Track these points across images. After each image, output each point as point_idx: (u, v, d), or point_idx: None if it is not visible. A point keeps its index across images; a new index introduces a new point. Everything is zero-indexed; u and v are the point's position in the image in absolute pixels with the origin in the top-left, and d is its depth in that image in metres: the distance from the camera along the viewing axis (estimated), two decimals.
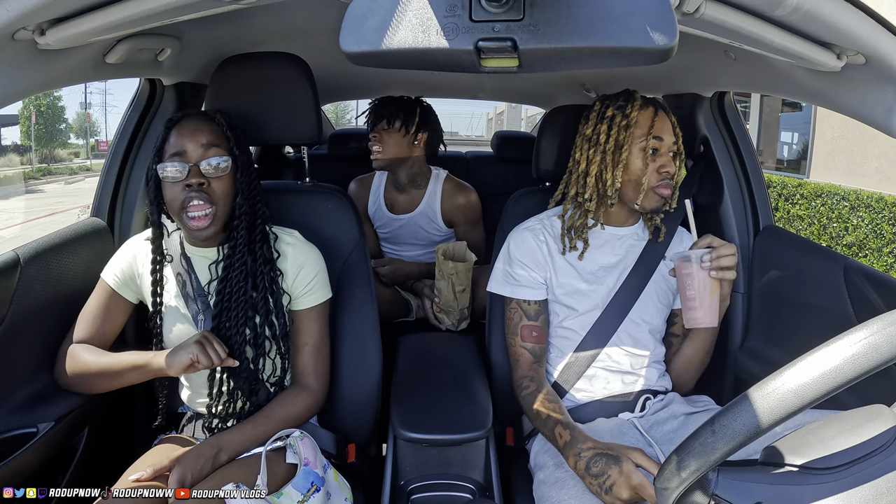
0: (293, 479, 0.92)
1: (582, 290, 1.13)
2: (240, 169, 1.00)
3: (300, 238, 1.09)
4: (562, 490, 0.93)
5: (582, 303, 1.13)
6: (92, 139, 21.88)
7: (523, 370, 1.11)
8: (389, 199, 1.89)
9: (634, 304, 1.13)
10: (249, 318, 1.00)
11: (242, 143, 1.02)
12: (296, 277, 1.06)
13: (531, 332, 1.13)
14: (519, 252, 1.15)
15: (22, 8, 0.65)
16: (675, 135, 1.11)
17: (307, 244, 1.09)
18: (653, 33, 0.47)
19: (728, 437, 0.53)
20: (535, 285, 1.14)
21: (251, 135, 1.17)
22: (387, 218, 1.90)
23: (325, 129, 2.78)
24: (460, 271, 1.66)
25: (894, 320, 0.49)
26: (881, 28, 0.71)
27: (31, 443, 0.97)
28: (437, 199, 1.84)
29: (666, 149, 1.10)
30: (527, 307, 1.14)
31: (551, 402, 1.04)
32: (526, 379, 1.10)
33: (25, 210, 11.61)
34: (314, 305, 1.07)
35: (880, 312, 0.51)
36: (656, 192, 1.09)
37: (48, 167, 18.69)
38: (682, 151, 1.12)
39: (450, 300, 1.69)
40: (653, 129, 1.09)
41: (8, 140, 19.14)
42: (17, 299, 1.00)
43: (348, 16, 0.51)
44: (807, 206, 6.04)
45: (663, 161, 1.09)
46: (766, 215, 1.38)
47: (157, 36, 1.07)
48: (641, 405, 1.10)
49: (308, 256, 1.07)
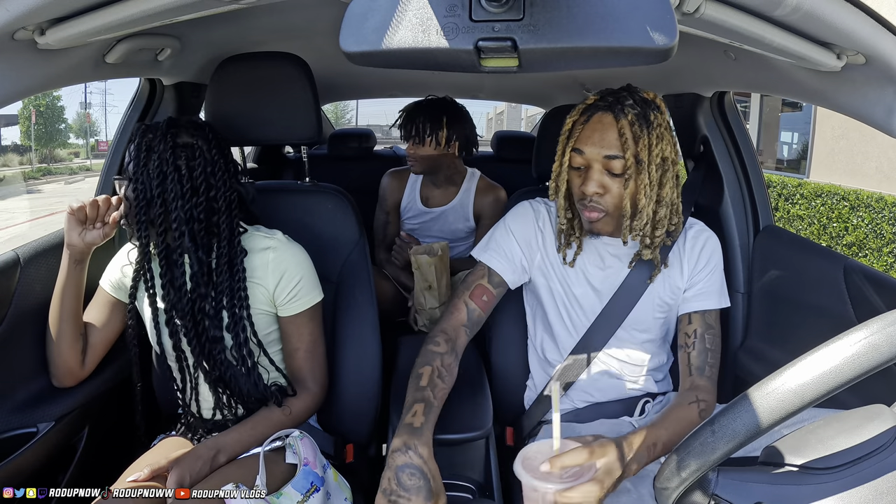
0: (293, 479, 0.91)
1: (574, 294, 1.09)
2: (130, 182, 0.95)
3: (282, 240, 1.04)
4: None
5: (574, 307, 1.10)
6: (92, 139, 21.87)
7: (448, 325, 1.03)
8: (425, 193, 1.97)
9: (627, 317, 1.07)
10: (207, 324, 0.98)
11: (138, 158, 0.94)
12: (277, 285, 1.02)
13: (482, 295, 1.06)
14: (514, 221, 1.10)
15: (22, 8, 0.65)
16: (624, 147, 0.92)
17: (289, 246, 1.04)
18: (653, 33, 0.47)
19: (728, 437, 0.53)
20: (511, 260, 1.08)
21: (251, 135, 1.17)
22: (419, 210, 1.97)
23: (325, 129, 2.78)
24: (422, 264, 1.65)
25: (894, 320, 0.49)
26: (881, 28, 0.71)
27: (31, 443, 0.97)
28: (471, 195, 1.93)
29: (597, 164, 0.94)
30: (492, 275, 1.08)
31: (441, 378, 0.94)
32: (443, 334, 1.02)
33: (25, 210, 11.60)
34: (302, 311, 1.04)
35: (880, 312, 0.51)
36: (584, 214, 0.99)
37: (48, 167, 18.68)
38: (649, 170, 0.92)
39: (420, 299, 1.70)
40: (576, 139, 0.96)
41: (8, 140, 19.13)
42: (17, 299, 1.00)
43: (348, 16, 0.51)
44: (807, 206, 6.04)
45: (586, 178, 0.95)
46: (766, 215, 1.38)
47: (156, 36, 1.07)
48: (641, 409, 1.10)
49: (290, 261, 1.03)
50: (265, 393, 1.01)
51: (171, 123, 0.97)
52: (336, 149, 2.73)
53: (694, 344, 1.04)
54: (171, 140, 0.94)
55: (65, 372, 1.03)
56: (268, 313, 1.04)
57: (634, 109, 0.92)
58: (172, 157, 0.94)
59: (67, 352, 1.02)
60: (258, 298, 1.02)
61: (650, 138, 0.92)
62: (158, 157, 0.93)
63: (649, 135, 0.92)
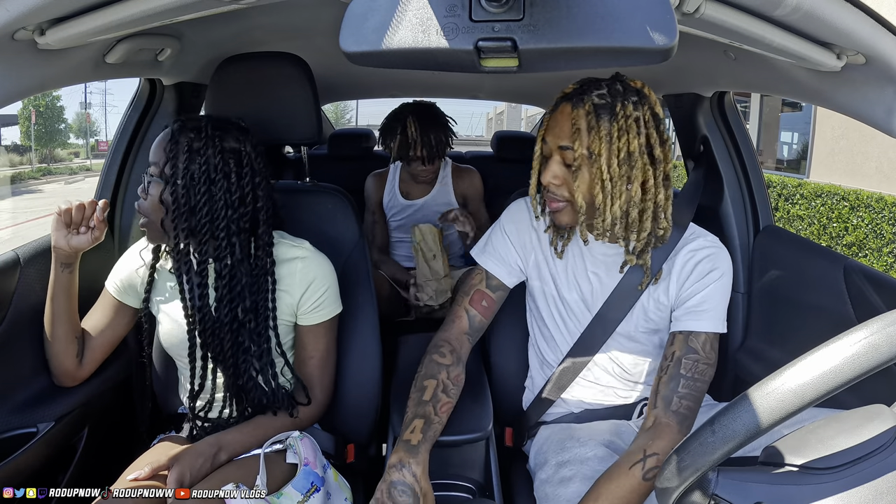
0: (293, 479, 0.91)
1: (565, 298, 1.06)
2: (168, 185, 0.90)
3: (310, 250, 1.02)
4: (567, 488, 0.92)
5: (566, 311, 1.08)
6: (92, 139, 21.87)
7: (450, 334, 1.03)
8: (404, 188, 2.03)
9: (621, 322, 1.02)
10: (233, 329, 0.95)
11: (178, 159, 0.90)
12: (303, 294, 1.00)
13: (482, 300, 1.05)
14: (509, 223, 1.09)
15: (22, 8, 0.65)
16: (573, 137, 0.88)
17: (317, 256, 1.02)
18: (653, 33, 0.47)
19: (728, 437, 0.53)
20: (507, 263, 1.07)
21: None
22: (402, 205, 2.02)
23: (325, 129, 2.78)
24: (426, 234, 1.75)
25: (894, 320, 0.49)
26: (881, 28, 0.71)
27: (31, 443, 0.97)
28: (449, 182, 2.02)
29: (555, 154, 0.91)
30: (489, 278, 1.07)
31: (447, 392, 0.94)
32: (448, 344, 1.01)
33: (25, 210, 11.60)
34: (322, 321, 1.03)
35: (880, 312, 0.51)
36: (548, 206, 0.96)
37: (48, 167, 18.68)
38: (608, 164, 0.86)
39: (424, 270, 1.75)
40: (544, 129, 0.93)
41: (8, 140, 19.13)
42: (17, 299, 1.00)
43: (348, 16, 0.52)
44: (807, 206, 6.04)
45: (546, 168, 0.92)
46: (766, 215, 1.38)
47: (157, 36, 1.07)
48: (639, 412, 1.09)
49: (318, 271, 1.01)
50: (282, 402, 1.00)
51: (216, 125, 0.92)
52: (336, 149, 2.73)
53: (667, 368, 0.93)
54: (219, 143, 0.90)
55: (62, 372, 1.03)
56: (288, 322, 1.03)
57: (599, 100, 0.87)
58: (221, 162, 0.89)
59: (63, 354, 1.01)
60: (282, 308, 1.00)
61: (610, 130, 0.86)
62: (205, 160, 0.88)
63: (610, 126, 0.86)
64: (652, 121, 0.88)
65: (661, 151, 0.89)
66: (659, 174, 0.90)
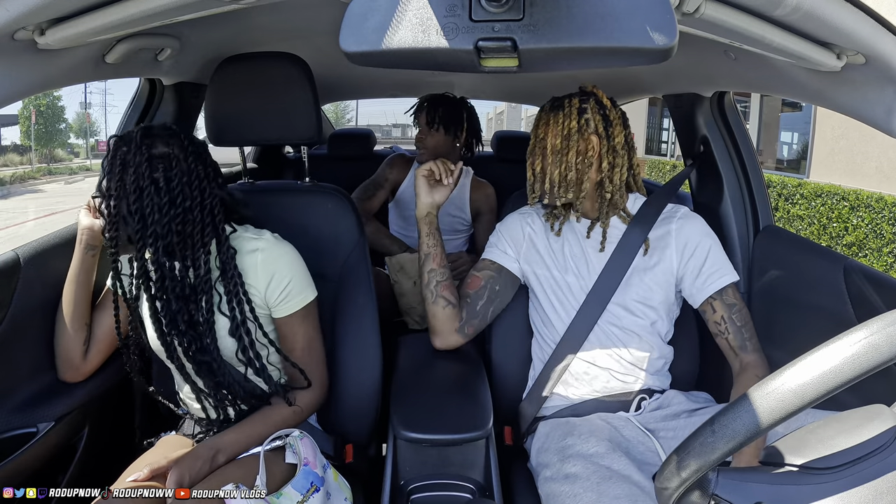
0: (293, 479, 0.91)
1: (559, 279, 1.15)
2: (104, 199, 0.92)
3: (270, 240, 1.02)
4: (574, 484, 0.92)
5: (561, 290, 1.15)
6: (92, 139, 21.88)
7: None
8: None
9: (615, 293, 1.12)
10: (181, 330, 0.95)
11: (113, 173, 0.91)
12: (268, 286, 1.00)
13: (468, 279, 1.22)
14: (503, 227, 1.24)
15: (22, 8, 0.65)
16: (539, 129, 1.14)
17: (278, 245, 1.02)
18: (653, 33, 0.47)
19: (728, 437, 0.53)
20: (502, 250, 1.21)
21: (251, 135, 1.17)
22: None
23: (325, 129, 2.78)
24: (405, 263, 1.77)
25: (894, 320, 0.49)
26: (881, 28, 0.71)
27: (31, 443, 0.97)
28: (466, 190, 2.04)
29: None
30: (480, 262, 1.22)
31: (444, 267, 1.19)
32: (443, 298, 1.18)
33: (25, 210, 11.61)
34: (295, 311, 1.02)
35: (880, 312, 0.51)
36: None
37: (48, 167, 18.69)
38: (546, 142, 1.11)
39: (407, 298, 1.78)
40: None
41: (8, 140, 19.14)
42: (17, 299, 1.00)
43: (348, 16, 0.51)
44: (807, 206, 6.04)
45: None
46: (766, 215, 1.38)
47: (156, 36, 1.07)
48: (637, 405, 1.10)
49: (278, 262, 1.01)
50: (276, 391, 1.00)
51: (145, 133, 0.93)
52: (336, 149, 2.73)
53: (727, 328, 1.10)
54: (146, 152, 0.90)
55: (68, 364, 1.04)
56: (263, 314, 1.03)
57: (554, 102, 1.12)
58: (149, 169, 0.90)
59: (72, 342, 1.03)
60: (254, 301, 1.00)
61: (556, 117, 1.10)
62: (135, 171, 0.89)
63: (556, 114, 1.11)
64: (597, 108, 1.10)
65: (606, 130, 1.10)
66: (603, 147, 1.10)
